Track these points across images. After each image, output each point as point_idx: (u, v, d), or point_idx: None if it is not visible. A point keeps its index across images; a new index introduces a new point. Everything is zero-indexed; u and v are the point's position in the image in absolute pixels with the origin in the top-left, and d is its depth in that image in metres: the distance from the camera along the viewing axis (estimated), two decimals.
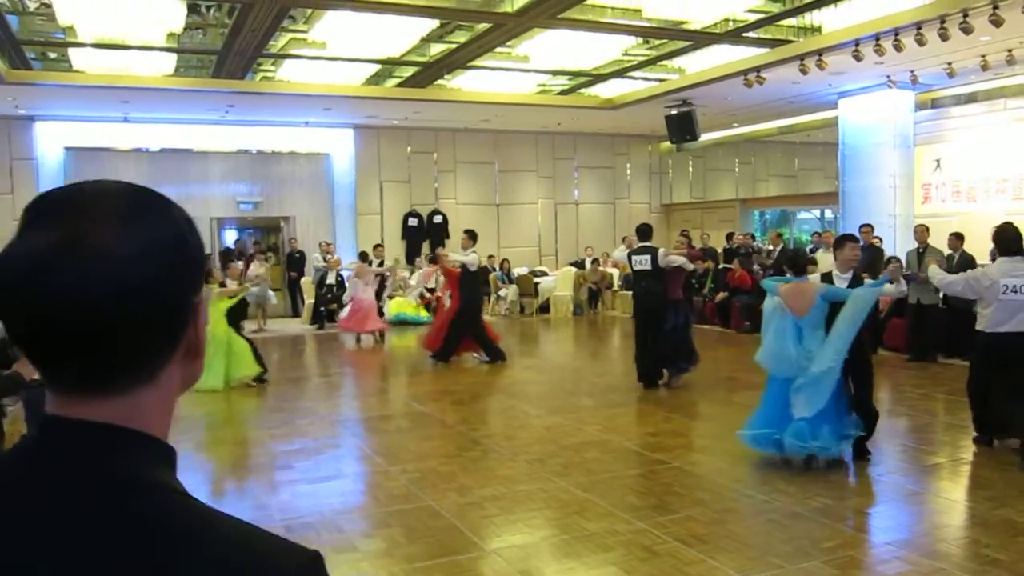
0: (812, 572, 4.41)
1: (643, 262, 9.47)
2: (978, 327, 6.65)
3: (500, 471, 6.44)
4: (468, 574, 4.47)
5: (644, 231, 9.85)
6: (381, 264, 15.38)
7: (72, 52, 12.22)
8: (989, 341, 6.49)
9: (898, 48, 10.55)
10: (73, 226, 0.75)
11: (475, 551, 4.79)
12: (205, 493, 6.03)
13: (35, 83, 12.96)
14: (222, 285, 10.21)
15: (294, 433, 7.96)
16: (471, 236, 11.53)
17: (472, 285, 11.52)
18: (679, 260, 9.50)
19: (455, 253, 11.69)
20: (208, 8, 10.55)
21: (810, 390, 6.08)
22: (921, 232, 11.15)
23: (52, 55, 12.73)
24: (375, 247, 16.37)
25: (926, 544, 4.82)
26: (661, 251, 9.46)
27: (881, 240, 12.28)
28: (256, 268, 14.52)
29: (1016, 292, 6.26)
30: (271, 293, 15.55)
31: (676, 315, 9.59)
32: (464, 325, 11.29)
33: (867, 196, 14.27)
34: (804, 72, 11.92)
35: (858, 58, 11.11)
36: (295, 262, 17.26)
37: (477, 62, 13.08)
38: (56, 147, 16.21)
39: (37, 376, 4.13)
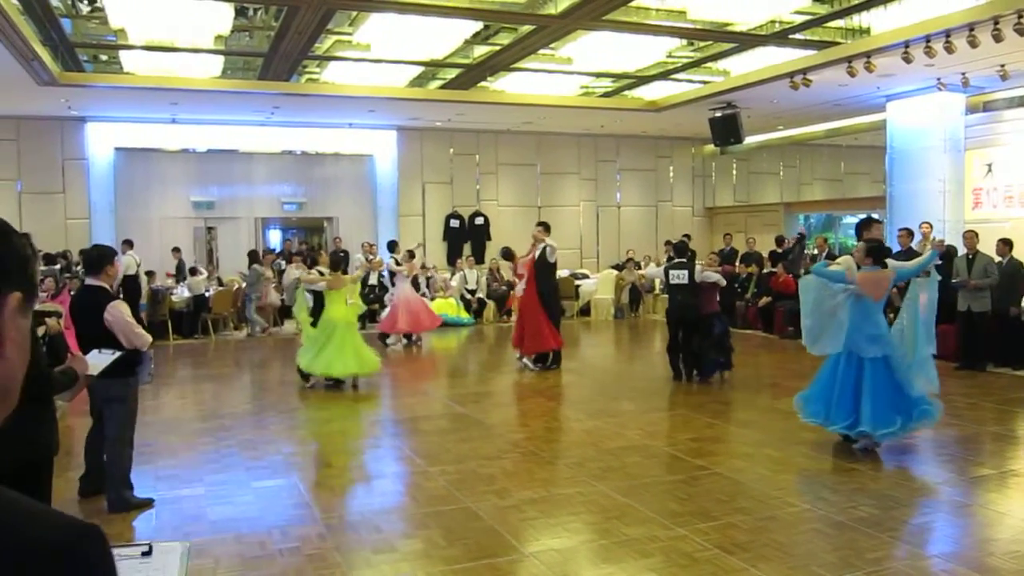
0: None
1: (680, 276, 10.01)
2: None
3: (539, 474, 6.42)
4: None
5: (680, 247, 10.41)
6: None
7: (123, 54, 12.45)
8: None
9: (949, 50, 10.34)
10: None
11: (514, 554, 4.78)
12: (246, 492, 6.10)
13: (87, 85, 13.22)
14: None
15: (335, 432, 8.03)
16: (546, 228, 11.56)
17: (547, 276, 11.27)
18: (714, 277, 10.14)
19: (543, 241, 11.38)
20: (255, 11, 10.68)
21: (919, 369, 6.90)
22: (970, 238, 10.92)
23: (103, 57, 12.97)
24: (370, 245, 16.27)
25: (975, 557, 4.71)
26: (698, 267, 10.11)
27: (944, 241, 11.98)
28: (291, 271, 14.59)
29: None
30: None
31: (717, 326, 10.16)
32: (549, 314, 11.08)
33: (915, 200, 14.01)
34: (852, 74, 11.73)
35: (908, 60, 10.91)
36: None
37: (520, 64, 13.07)
38: (106, 147, 16.54)
39: (90, 371, 4.19)
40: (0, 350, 0.94)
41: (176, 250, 16.27)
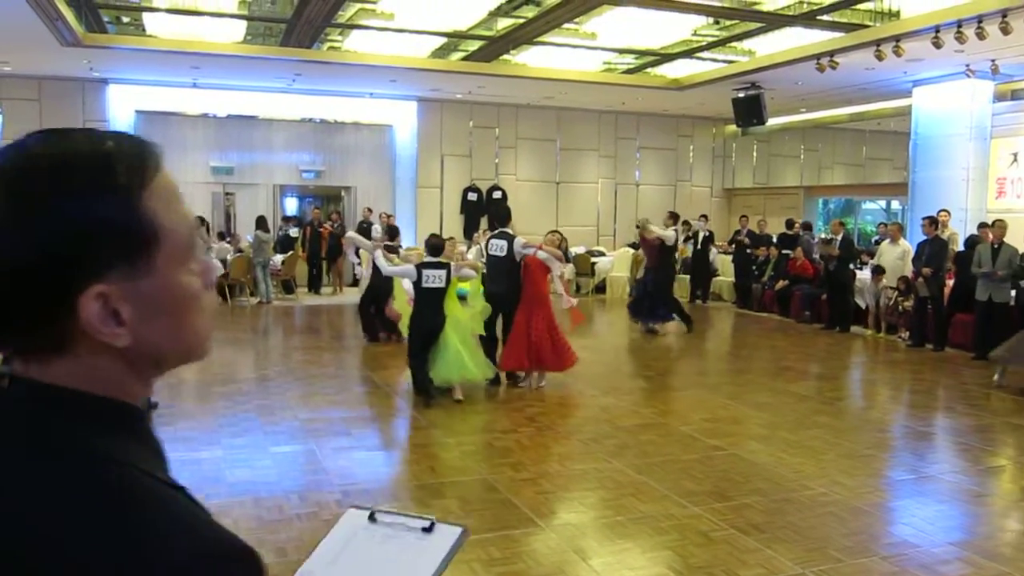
0: (871, 568, 4.35)
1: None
2: None
3: (555, 449, 6.45)
4: (522, 549, 4.49)
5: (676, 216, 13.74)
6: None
7: (146, 17, 12.42)
8: None
9: (981, 36, 10.20)
10: None
11: (529, 526, 4.81)
12: (264, 457, 6.15)
13: (109, 46, 13.19)
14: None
15: (352, 400, 8.08)
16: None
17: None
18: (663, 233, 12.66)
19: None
20: None
21: None
22: (999, 228, 10.80)
23: (126, 19, 12.94)
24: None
25: (989, 546, 4.72)
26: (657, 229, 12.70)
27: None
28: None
29: None
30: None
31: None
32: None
33: (938, 188, 13.88)
34: (880, 58, 11.59)
35: (937, 45, 10.77)
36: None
37: (543, 38, 12.97)
38: (127, 110, 16.54)
39: None
40: (110, 349, 0.79)
41: (201, 220, 16.22)
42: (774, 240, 16.01)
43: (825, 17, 11.52)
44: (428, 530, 1.26)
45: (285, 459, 6.15)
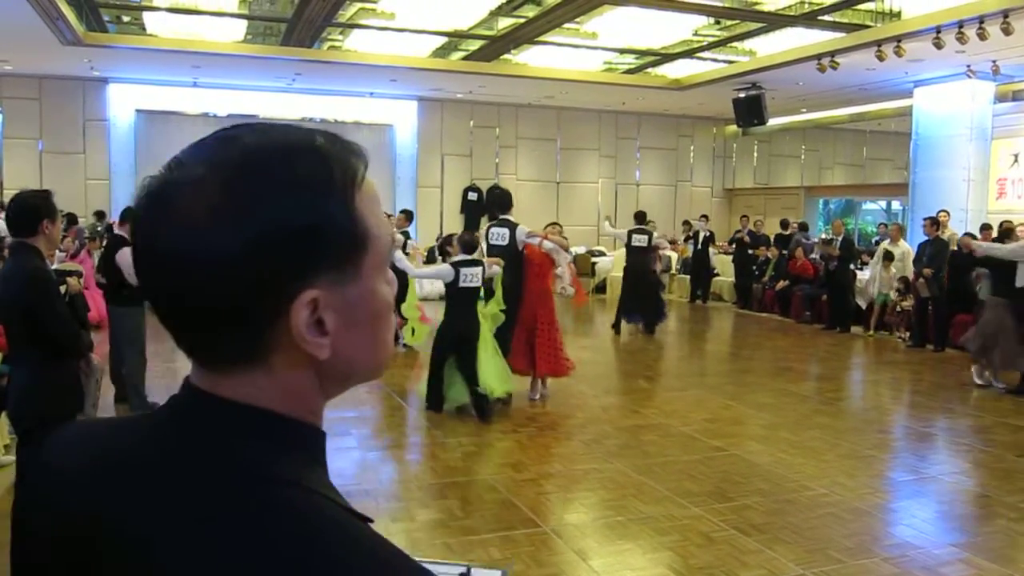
0: (872, 570, 4.34)
1: (642, 240, 12.33)
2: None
3: (556, 449, 6.45)
4: (524, 550, 4.48)
5: (641, 216, 13.14)
6: None
7: (146, 16, 12.42)
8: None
9: (982, 36, 10.19)
10: (172, 180, 0.72)
11: (531, 527, 4.80)
12: None
13: (110, 45, 13.19)
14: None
15: (352, 400, 8.06)
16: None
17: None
18: (667, 244, 13.16)
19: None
20: None
21: None
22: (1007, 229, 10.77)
23: (127, 18, 12.94)
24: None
25: (992, 548, 4.70)
26: (655, 233, 12.70)
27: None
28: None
29: None
30: None
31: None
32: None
33: (938, 189, 13.88)
34: (881, 58, 11.59)
35: (938, 46, 10.77)
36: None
37: (544, 37, 12.97)
38: (128, 109, 16.55)
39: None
40: (312, 359, 0.74)
41: None
42: (771, 240, 16.02)
43: (826, 17, 11.51)
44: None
45: None
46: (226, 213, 0.69)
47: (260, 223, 0.69)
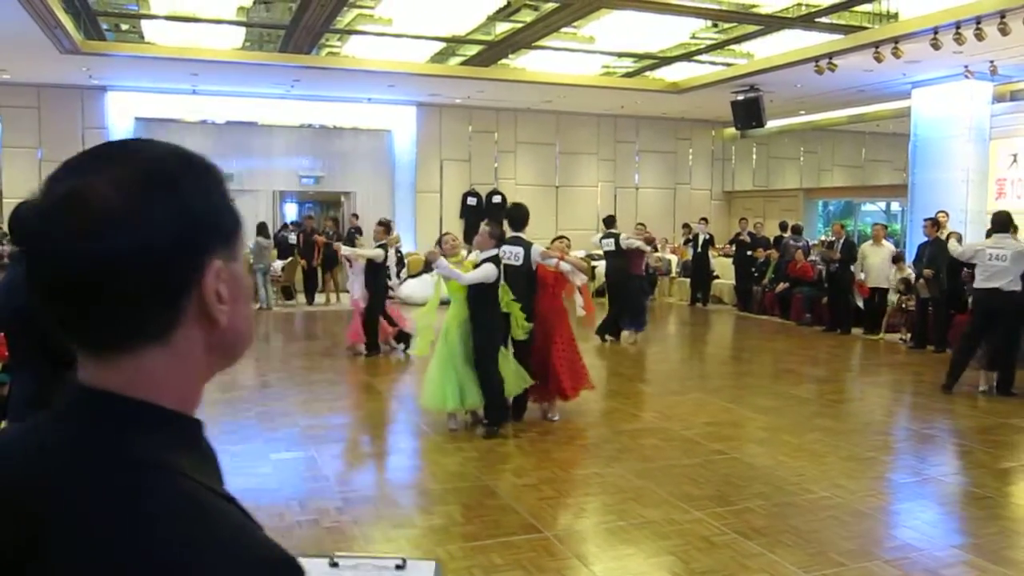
0: (874, 572, 4.32)
1: (608, 244, 11.89)
2: (974, 284, 8.78)
3: (556, 454, 6.43)
4: (525, 555, 4.47)
5: (609, 220, 12.63)
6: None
7: (144, 24, 12.43)
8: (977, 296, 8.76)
9: (979, 37, 10.20)
10: (78, 180, 0.80)
11: (531, 532, 4.79)
12: (265, 464, 6.14)
13: (108, 54, 13.21)
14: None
15: (353, 406, 8.06)
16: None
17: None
18: (637, 243, 11.88)
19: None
20: None
21: None
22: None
23: (125, 27, 12.96)
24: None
25: (994, 550, 4.69)
26: (622, 235, 11.86)
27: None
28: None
29: (997, 259, 8.43)
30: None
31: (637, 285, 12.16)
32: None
33: (937, 190, 13.88)
34: (879, 60, 11.59)
35: (936, 47, 10.78)
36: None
37: (542, 42, 12.98)
38: (126, 117, 16.56)
39: None
40: (213, 324, 0.85)
41: None
42: (771, 242, 16.03)
43: (824, 19, 11.54)
44: (401, 567, 1.21)
45: (286, 466, 6.12)
46: (146, 201, 0.79)
47: (178, 207, 0.81)
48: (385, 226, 11.11)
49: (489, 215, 18.55)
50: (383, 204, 18.14)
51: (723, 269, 17.06)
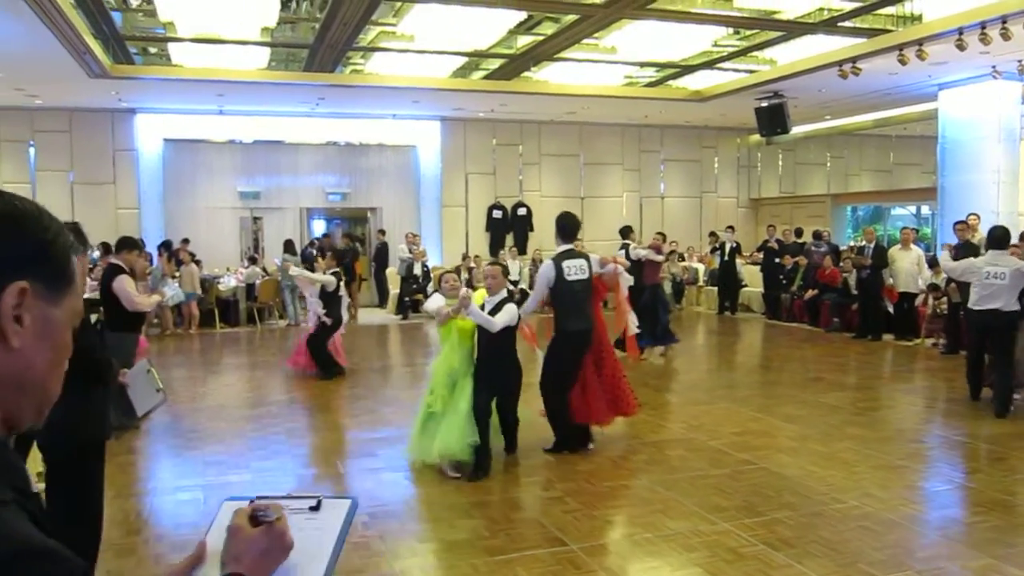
0: None
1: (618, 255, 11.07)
2: (969, 304, 8.29)
3: (581, 466, 6.40)
4: (551, 569, 4.46)
5: (625, 231, 12.31)
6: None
7: (171, 47, 12.62)
8: (971, 316, 8.25)
9: (1005, 36, 10.06)
10: None
11: (557, 546, 4.77)
12: (291, 479, 6.17)
13: (137, 77, 13.42)
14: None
15: (378, 421, 8.09)
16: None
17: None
18: (643, 254, 11.45)
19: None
20: (300, 2, 10.76)
21: None
22: None
23: (152, 50, 13.16)
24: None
25: None
26: (632, 246, 11.49)
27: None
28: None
29: (995, 278, 7.96)
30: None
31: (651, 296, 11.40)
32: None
33: (968, 192, 13.69)
34: (903, 63, 11.48)
35: (961, 48, 10.65)
36: (380, 253, 17.47)
37: (564, 54, 13.00)
38: (155, 138, 16.79)
39: (127, 380, 4.26)
40: (5, 343, 0.93)
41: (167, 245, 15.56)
42: (800, 248, 15.92)
43: (846, 23, 11.44)
44: (316, 508, 1.27)
45: (313, 481, 6.16)
46: None
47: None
48: (335, 255, 10.91)
49: (514, 228, 18.67)
50: (409, 219, 18.23)
51: (751, 277, 16.95)
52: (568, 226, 6.87)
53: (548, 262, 6.71)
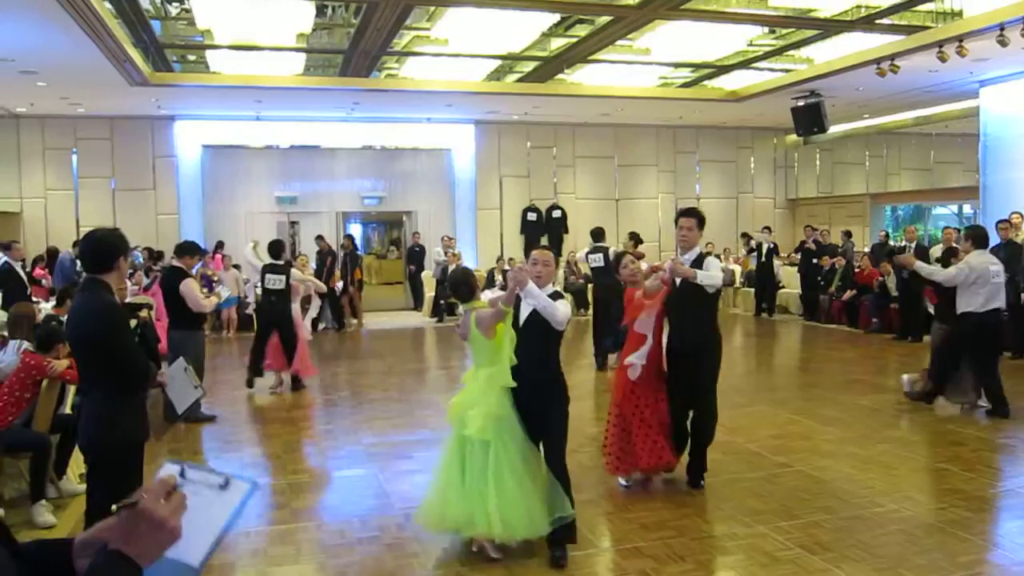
0: None
1: (597, 260, 10.87)
2: (969, 308, 7.80)
3: None
4: (582, 571, 4.45)
5: (597, 233, 11.27)
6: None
7: (209, 54, 12.80)
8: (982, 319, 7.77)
9: None
10: None
11: (590, 548, 4.76)
12: (327, 482, 6.22)
13: (176, 84, 13.64)
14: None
15: (414, 423, 8.13)
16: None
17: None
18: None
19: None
20: (335, 9, 10.86)
21: None
22: None
23: (191, 58, 13.36)
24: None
25: None
26: (611, 250, 10.86)
27: None
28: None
29: (997, 276, 7.81)
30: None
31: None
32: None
33: (1011, 190, 13.43)
34: (943, 60, 11.29)
35: (1003, 43, 10.45)
36: (415, 256, 17.57)
37: (597, 56, 12.97)
38: (194, 145, 17.04)
39: (166, 380, 4.34)
40: None
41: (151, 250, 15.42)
42: (839, 249, 15.74)
43: (884, 21, 11.28)
44: (224, 487, 1.45)
45: (348, 484, 6.21)
46: None
47: None
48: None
49: (549, 230, 18.65)
50: (444, 222, 18.30)
51: (789, 278, 16.77)
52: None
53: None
